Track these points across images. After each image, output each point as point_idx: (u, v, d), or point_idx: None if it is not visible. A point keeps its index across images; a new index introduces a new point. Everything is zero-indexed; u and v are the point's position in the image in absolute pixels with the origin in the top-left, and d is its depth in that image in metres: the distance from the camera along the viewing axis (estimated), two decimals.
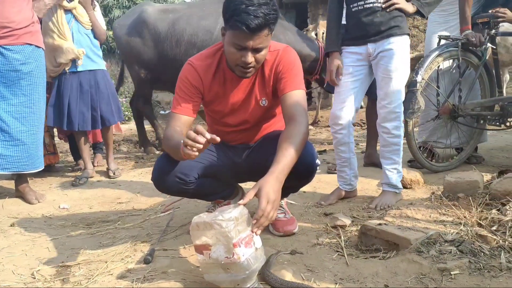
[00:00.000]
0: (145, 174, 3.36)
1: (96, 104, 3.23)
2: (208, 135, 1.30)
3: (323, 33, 5.07)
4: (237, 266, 1.30)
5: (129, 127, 6.62)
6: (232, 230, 1.28)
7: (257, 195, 1.35)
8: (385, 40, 2.17)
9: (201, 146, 1.31)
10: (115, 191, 2.93)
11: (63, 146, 4.59)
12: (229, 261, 1.29)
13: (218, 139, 1.31)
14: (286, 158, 1.46)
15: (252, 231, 1.33)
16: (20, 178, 2.77)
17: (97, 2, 3.36)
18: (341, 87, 2.26)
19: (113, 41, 8.98)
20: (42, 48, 2.73)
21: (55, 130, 3.63)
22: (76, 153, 3.72)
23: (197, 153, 1.33)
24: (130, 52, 4.05)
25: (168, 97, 9.47)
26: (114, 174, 3.27)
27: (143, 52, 3.98)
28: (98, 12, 3.31)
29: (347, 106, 2.24)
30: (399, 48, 2.16)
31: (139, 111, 4.40)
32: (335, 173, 2.45)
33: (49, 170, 3.47)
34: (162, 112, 8.56)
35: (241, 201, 1.36)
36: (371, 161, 3.04)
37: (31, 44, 2.61)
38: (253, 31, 1.52)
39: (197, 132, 1.32)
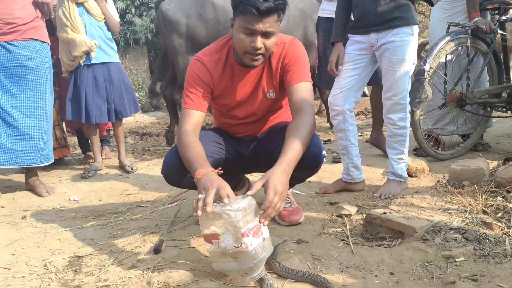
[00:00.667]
0: (152, 166, 3.39)
1: (110, 97, 3.26)
2: (199, 212, 1.32)
3: None
4: (245, 255, 1.33)
5: (135, 119, 6.66)
6: (241, 220, 1.31)
7: (265, 186, 1.38)
8: (389, 31, 2.14)
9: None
10: (123, 183, 2.97)
11: (70, 139, 4.64)
12: (237, 250, 1.32)
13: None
14: (294, 149, 1.48)
15: (260, 222, 1.35)
16: (29, 172, 2.81)
17: None
18: (340, 74, 2.27)
19: (133, 34, 8.82)
20: (48, 43, 2.75)
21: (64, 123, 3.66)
22: (84, 146, 3.77)
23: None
24: (190, 37, 3.69)
25: None
26: (131, 169, 3.27)
27: (207, 37, 3.61)
28: (110, 5, 3.31)
29: (343, 93, 2.24)
30: (403, 39, 2.13)
31: (173, 101, 4.07)
32: (340, 162, 2.47)
33: (59, 163, 3.52)
34: None
35: (249, 192, 1.38)
36: (377, 142, 3.01)
37: (36, 39, 2.64)
38: (262, 13, 1.54)
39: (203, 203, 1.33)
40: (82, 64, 3.18)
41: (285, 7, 1.61)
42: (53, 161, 2.89)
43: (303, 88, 1.70)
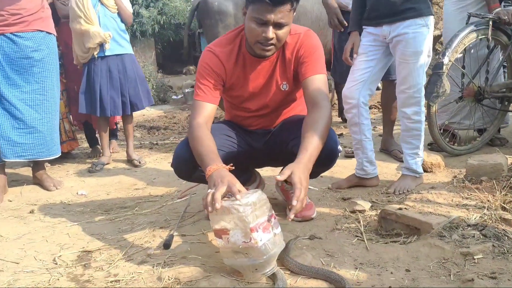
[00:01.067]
0: (160, 161, 3.37)
1: (125, 89, 3.22)
2: (210, 209, 1.30)
3: None
4: (255, 251, 1.31)
5: (142, 113, 6.61)
6: (250, 215, 1.28)
7: (290, 178, 1.35)
8: (400, 23, 2.09)
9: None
10: (131, 178, 2.95)
11: (76, 132, 4.63)
12: (246, 246, 1.30)
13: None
14: (313, 145, 1.46)
15: (289, 219, 1.32)
16: (37, 165, 2.80)
17: None
18: (355, 66, 2.23)
19: (140, 26, 8.74)
20: (54, 34, 2.72)
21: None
22: (91, 139, 3.75)
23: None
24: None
25: (180, 82, 9.45)
26: (140, 163, 3.24)
27: None
28: None
29: (358, 85, 2.20)
30: (417, 31, 2.08)
31: None
32: (353, 156, 2.42)
33: (67, 156, 3.51)
34: (174, 97, 8.56)
35: (278, 177, 1.36)
36: (386, 147, 2.93)
37: (42, 31, 2.60)
38: (275, 3, 1.51)
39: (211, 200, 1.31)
40: (96, 56, 3.14)
41: None
42: (61, 154, 2.87)
43: (319, 80, 1.66)
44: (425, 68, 2.15)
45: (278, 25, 1.57)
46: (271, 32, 1.57)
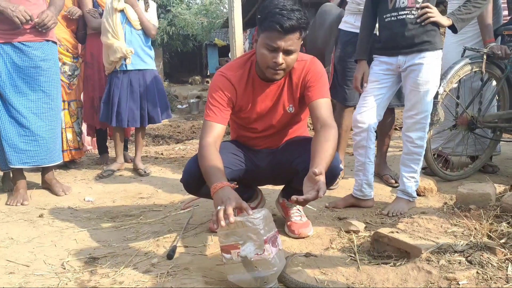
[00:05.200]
0: (165, 171, 3.47)
1: (144, 102, 3.37)
2: (223, 223, 1.39)
3: None
4: (266, 263, 1.39)
5: None
6: (263, 228, 1.39)
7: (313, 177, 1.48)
8: (416, 54, 2.19)
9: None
10: (136, 186, 3.05)
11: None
12: (259, 258, 1.39)
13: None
14: (323, 160, 1.60)
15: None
16: (46, 170, 2.88)
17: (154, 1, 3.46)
18: (367, 92, 2.33)
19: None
20: (57, 43, 2.81)
21: (83, 127, 3.71)
22: (101, 147, 3.85)
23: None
24: None
25: (185, 92, 9.59)
26: (145, 172, 3.35)
27: None
28: (151, 9, 3.41)
29: (369, 111, 2.30)
30: (430, 62, 2.18)
31: None
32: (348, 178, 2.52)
33: (67, 165, 3.56)
34: (179, 106, 8.69)
35: (315, 171, 1.49)
36: (378, 171, 2.96)
37: (48, 40, 2.69)
38: (286, 31, 1.63)
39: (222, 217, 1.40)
40: (118, 69, 3.30)
41: (308, 26, 1.70)
42: (64, 163, 2.93)
43: (326, 103, 1.81)
44: (432, 97, 2.26)
45: (287, 52, 1.70)
46: (280, 58, 1.70)
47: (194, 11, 11.31)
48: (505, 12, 3.07)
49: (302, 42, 1.76)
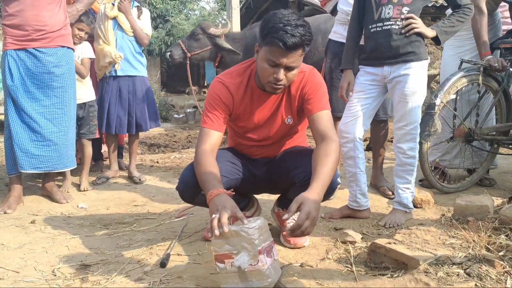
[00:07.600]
0: (160, 178, 3.44)
1: (132, 110, 3.35)
2: (216, 232, 1.37)
3: None
4: (260, 274, 1.36)
5: None
6: (258, 238, 1.35)
7: (300, 208, 1.43)
8: (402, 65, 2.20)
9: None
10: (131, 194, 3.01)
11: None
12: (253, 269, 1.36)
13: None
14: (325, 175, 1.56)
15: (285, 238, 1.38)
16: (47, 177, 2.83)
17: (148, 8, 3.48)
18: (352, 102, 2.32)
19: (148, 45, 9.11)
20: (73, 49, 2.82)
21: None
22: (96, 154, 3.81)
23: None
24: None
25: (182, 101, 9.59)
26: (140, 180, 3.32)
27: None
28: (144, 16, 3.42)
29: (355, 121, 2.29)
30: (415, 73, 2.19)
31: None
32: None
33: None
34: (176, 116, 8.68)
35: (285, 216, 1.45)
36: (375, 183, 2.96)
37: (63, 46, 2.69)
38: (289, 48, 1.60)
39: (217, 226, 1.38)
40: (108, 74, 3.30)
41: (311, 42, 1.67)
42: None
43: (327, 115, 1.78)
44: (420, 107, 2.26)
45: (289, 68, 1.67)
46: (281, 74, 1.67)
47: (192, 21, 11.40)
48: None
49: (303, 56, 1.71)
